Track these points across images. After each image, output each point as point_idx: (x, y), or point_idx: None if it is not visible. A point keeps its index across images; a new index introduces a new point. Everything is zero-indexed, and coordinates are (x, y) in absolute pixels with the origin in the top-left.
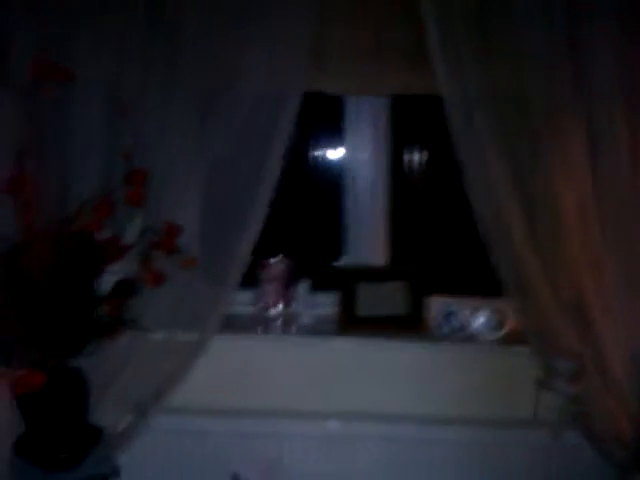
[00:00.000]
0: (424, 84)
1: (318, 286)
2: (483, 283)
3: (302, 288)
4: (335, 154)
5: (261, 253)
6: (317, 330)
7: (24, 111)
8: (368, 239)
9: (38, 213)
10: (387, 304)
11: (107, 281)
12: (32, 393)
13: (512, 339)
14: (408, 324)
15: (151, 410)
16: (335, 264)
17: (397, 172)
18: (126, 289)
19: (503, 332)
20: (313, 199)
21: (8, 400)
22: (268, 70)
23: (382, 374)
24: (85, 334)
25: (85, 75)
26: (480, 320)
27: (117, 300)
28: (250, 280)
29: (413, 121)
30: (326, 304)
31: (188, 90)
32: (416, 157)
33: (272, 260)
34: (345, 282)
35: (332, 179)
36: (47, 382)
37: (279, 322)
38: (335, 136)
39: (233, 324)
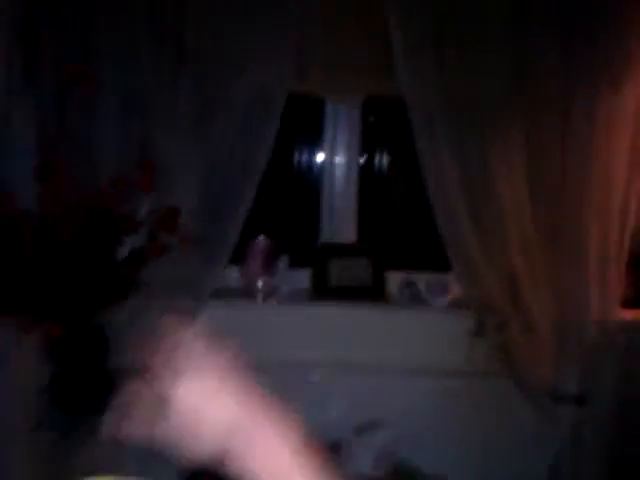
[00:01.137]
0: (390, 90)
1: (298, 262)
2: (434, 260)
3: (282, 264)
4: (316, 153)
5: (249, 233)
6: (294, 299)
7: (53, 109)
8: (341, 223)
9: (65, 196)
10: (355, 276)
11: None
12: (59, 344)
13: (456, 305)
14: (372, 293)
15: None
16: (311, 243)
17: (367, 169)
18: (138, 258)
19: (449, 299)
20: (296, 190)
21: (36, 349)
22: (258, 79)
23: (349, 335)
24: (104, 294)
25: (105, 77)
26: (430, 289)
27: (131, 266)
28: (237, 257)
29: (381, 127)
30: (302, 277)
31: (189, 94)
32: (383, 157)
33: (256, 240)
34: (320, 257)
35: (313, 173)
36: (74, 335)
37: (261, 293)
38: (316, 139)
39: (222, 295)
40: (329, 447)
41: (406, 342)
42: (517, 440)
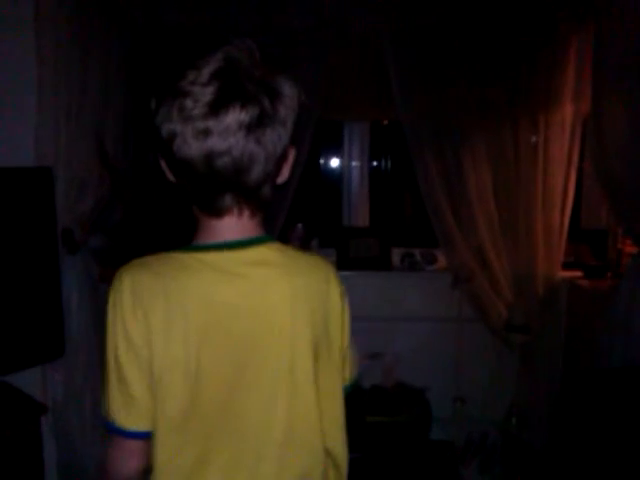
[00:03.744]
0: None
1: (326, 243)
2: (426, 238)
3: (314, 243)
4: (337, 161)
5: (290, 221)
6: None
7: None
8: (357, 212)
9: None
10: (368, 250)
11: None
12: None
13: (441, 270)
14: (381, 263)
15: None
16: (336, 228)
17: (374, 172)
18: None
19: (436, 266)
20: (325, 189)
21: None
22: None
23: (365, 294)
24: None
25: None
26: (423, 259)
27: None
28: (282, 239)
29: (384, 141)
30: (330, 253)
31: None
32: (387, 162)
33: (295, 227)
34: (342, 238)
35: (335, 176)
36: None
37: None
38: (337, 150)
39: None
40: None
41: (404, 296)
42: (484, 362)
